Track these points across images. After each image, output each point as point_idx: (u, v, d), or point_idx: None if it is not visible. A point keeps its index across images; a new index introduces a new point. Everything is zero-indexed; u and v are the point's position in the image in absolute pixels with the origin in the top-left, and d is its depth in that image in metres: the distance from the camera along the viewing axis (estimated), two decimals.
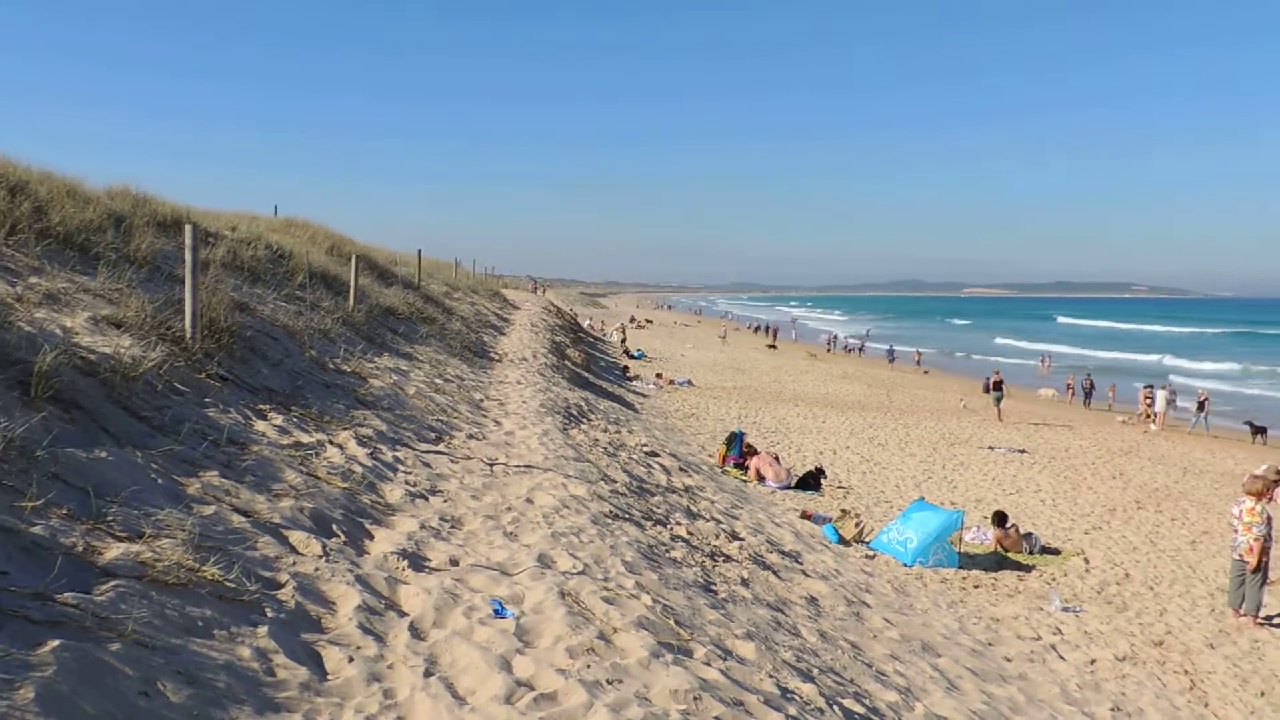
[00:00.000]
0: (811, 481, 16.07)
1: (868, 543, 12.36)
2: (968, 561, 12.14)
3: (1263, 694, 8.56)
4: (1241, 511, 10.48)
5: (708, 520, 9.72)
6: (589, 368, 27.15)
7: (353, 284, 14.41)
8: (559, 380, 18.46)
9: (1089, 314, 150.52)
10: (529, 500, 7.17)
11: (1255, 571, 10.29)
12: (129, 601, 3.41)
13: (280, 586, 4.21)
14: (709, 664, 4.62)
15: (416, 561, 5.17)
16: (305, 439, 6.73)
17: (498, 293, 38.93)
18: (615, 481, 9.45)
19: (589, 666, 4.12)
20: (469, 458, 8.26)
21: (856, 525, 12.69)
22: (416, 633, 4.25)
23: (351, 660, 3.79)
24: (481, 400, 12.07)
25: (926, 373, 48.31)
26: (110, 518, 4.05)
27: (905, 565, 11.59)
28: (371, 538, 5.43)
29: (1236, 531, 10.50)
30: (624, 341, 47.82)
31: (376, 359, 11.56)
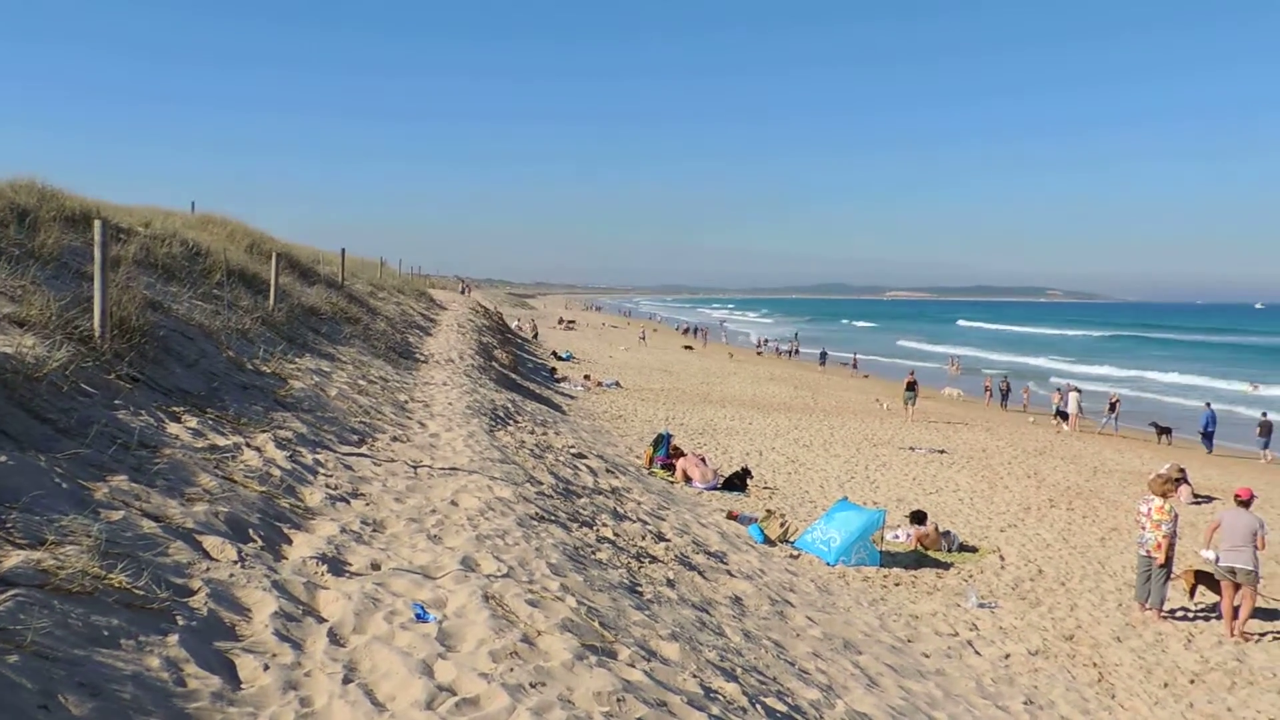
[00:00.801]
0: (737, 482, 16.23)
1: (792, 542, 12.53)
2: (889, 560, 12.40)
3: (1166, 684, 8.92)
4: (1151, 510, 10.88)
5: (634, 521, 9.74)
6: (516, 369, 26.99)
7: (273, 282, 14.07)
8: (486, 382, 18.32)
9: (991, 318, 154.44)
10: (453, 503, 7.09)
11: (1162, 567, 10.72)
12: (29, 611, 3.27)
13: (193, 593, 4.08)
14: (633, 665, 4.63)
15: (336, 566, 5.06)
16: (221, 442, 6.55)
17: (424, 293, 38.39)
18: (541, 483, 9.41)
19: (512, 670, 4.09)
20: (393, 460, 8.14)
21: (781, 525, 12.86)
22: (335, 639, 4.17)
23: (267, 668, 3.70)
24: (406, 402, 11.90)
25: (866, 376, 49.05)
26: (10, 524, 3.88)
27: (828, 564, 11.78)
28: (290, 542, 5.31)
29: (1144, 529, 10.91)
30: (535, 336, 52.54)
31: (297, 360, 11.31)
